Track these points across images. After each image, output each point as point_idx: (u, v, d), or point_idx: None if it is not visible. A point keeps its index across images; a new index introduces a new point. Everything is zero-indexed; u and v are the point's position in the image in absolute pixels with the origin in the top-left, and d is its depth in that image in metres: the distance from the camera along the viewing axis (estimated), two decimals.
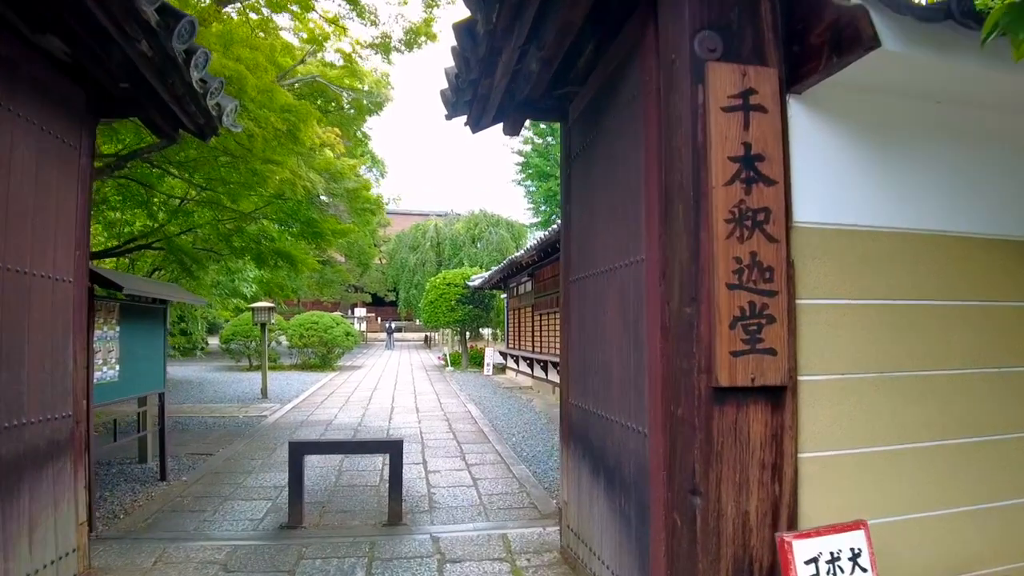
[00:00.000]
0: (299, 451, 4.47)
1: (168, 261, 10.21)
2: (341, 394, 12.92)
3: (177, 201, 9.23)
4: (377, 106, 7.65)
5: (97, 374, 4.78)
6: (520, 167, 26.90)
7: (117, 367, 5.08)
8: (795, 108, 2.20)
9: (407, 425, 8.89)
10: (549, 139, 25.89)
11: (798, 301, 2.11)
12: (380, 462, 6.47)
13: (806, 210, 2.18)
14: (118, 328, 5.09)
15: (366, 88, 7.67)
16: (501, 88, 3.44)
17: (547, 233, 9.04)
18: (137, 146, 5.92)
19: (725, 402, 2.00)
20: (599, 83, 3.07)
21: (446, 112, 4.18)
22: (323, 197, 8.18)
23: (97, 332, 4.78)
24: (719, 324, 1.96)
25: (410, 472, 6.07)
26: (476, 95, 3.70)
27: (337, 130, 6.84)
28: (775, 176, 2.08)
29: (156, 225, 9.72)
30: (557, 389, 12.57)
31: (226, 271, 12.70)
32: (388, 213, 38.18)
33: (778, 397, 2.06)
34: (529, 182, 26.66)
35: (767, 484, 2.06)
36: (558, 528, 3.97)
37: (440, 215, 34.84)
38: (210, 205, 8.60)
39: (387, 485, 4.72)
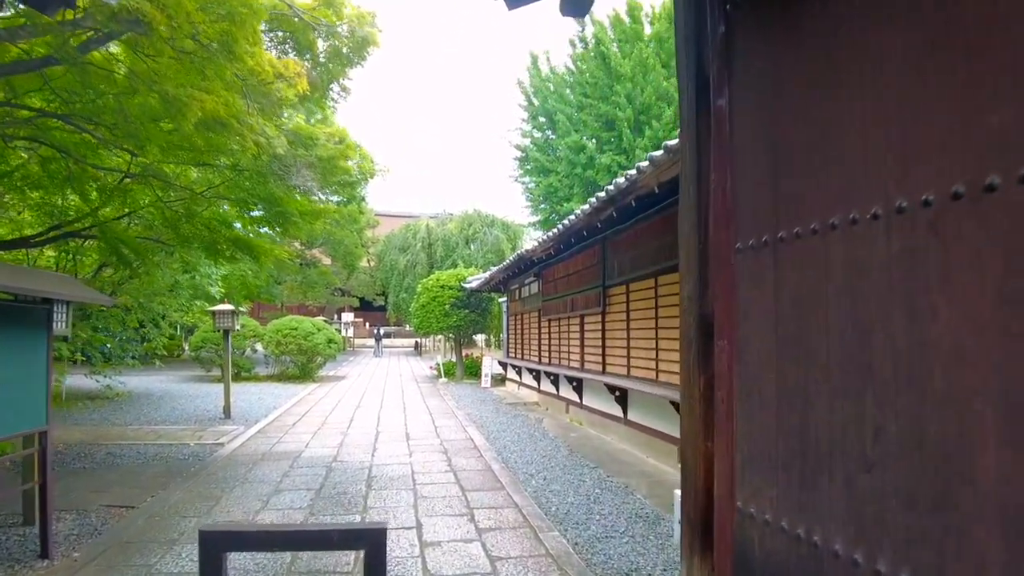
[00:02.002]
0: (216, 546, 2.66)
1: (104, 252, 8.37)
2: (318, 413, 11.07)
3: (111, 177, 7.42)
4: (359, 49, 5.87)
5: None
6: (519, 162, 25.14)
7: None
8: None
9: (395, 460, 7.07)
10: (549, 133, 24.19)
11: None
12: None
13: None
14: None
15: (345, 29, 5.89)
16: None
17: (579, 214, 7.22)
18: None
19: None
20: None
21: None
22: (293, 180, 6.39)
23: None
24: None
25: (399, 544, 4.27)
26: None
27: (302, 63, 5.10)
28: None
29: (89, 208, 7.89)
30: (571, 407, 10.81)
31: (183, 268, 10.83)
32: (377, 214, 36.40)
33: None
34: (528, 178, 24.88)
35: None
36: None
37: (432, 217, 32.99)
38: (147, 180, 6.78)
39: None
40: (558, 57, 34.61)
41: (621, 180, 5.28)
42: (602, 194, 5.86)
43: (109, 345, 12.45)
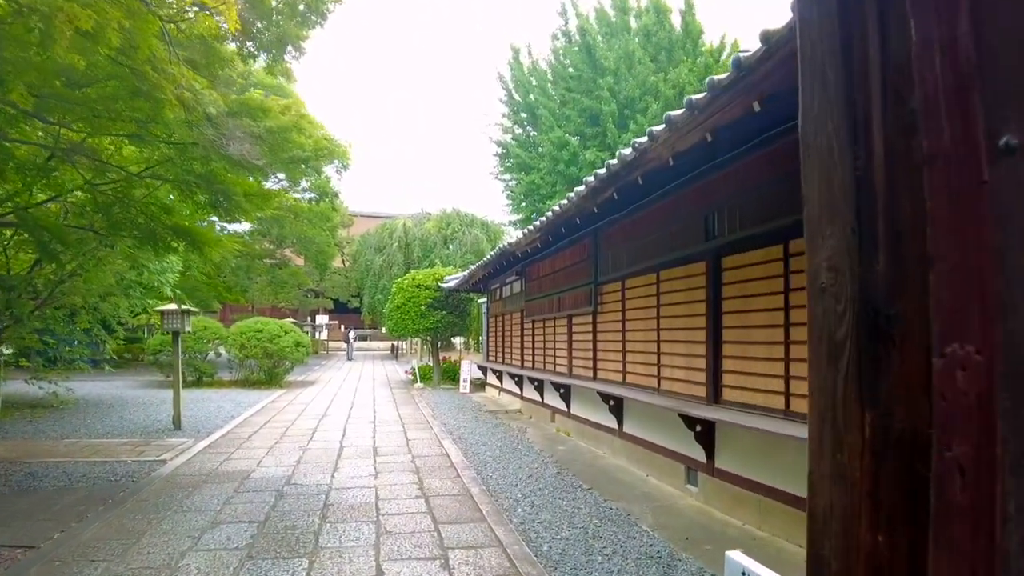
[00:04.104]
0: None
1: (26, 241, 7.33)
2: (279, 423, 10.06)
3: (40, 155, 6.40)
4: (317, 4, 4.96)
5: None
6: (499, 159, 24.28)
7: None
8: None
9: (357, 482, 6.15)
10: (531, 129, 23.39)
11: None
12: (304, 573, 3.77)
13: None
14: None
15: None
16: None
17: (571, 197, 6.30)
18: None
19: None
20: None
21: None
22: (231, 149, 5.44)
23: None
24: None
25: None
26: None
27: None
28: None
29: (6, 192, 6.85)
30: (557, 416, 9.93)
31: (131, 264, 9.76)
32: (351, 214, 35.16)
33: None
34: (508, 175, 24.03)
35: None
36: None
37: (409, 217, 31.91)
38: (73, 159, 5.78)
39: None
40: (540, 51, 33.78)
41: (627, 151, 4.44)
42: (601, 171, 5.01)
43: (54, 347, 11.31)
